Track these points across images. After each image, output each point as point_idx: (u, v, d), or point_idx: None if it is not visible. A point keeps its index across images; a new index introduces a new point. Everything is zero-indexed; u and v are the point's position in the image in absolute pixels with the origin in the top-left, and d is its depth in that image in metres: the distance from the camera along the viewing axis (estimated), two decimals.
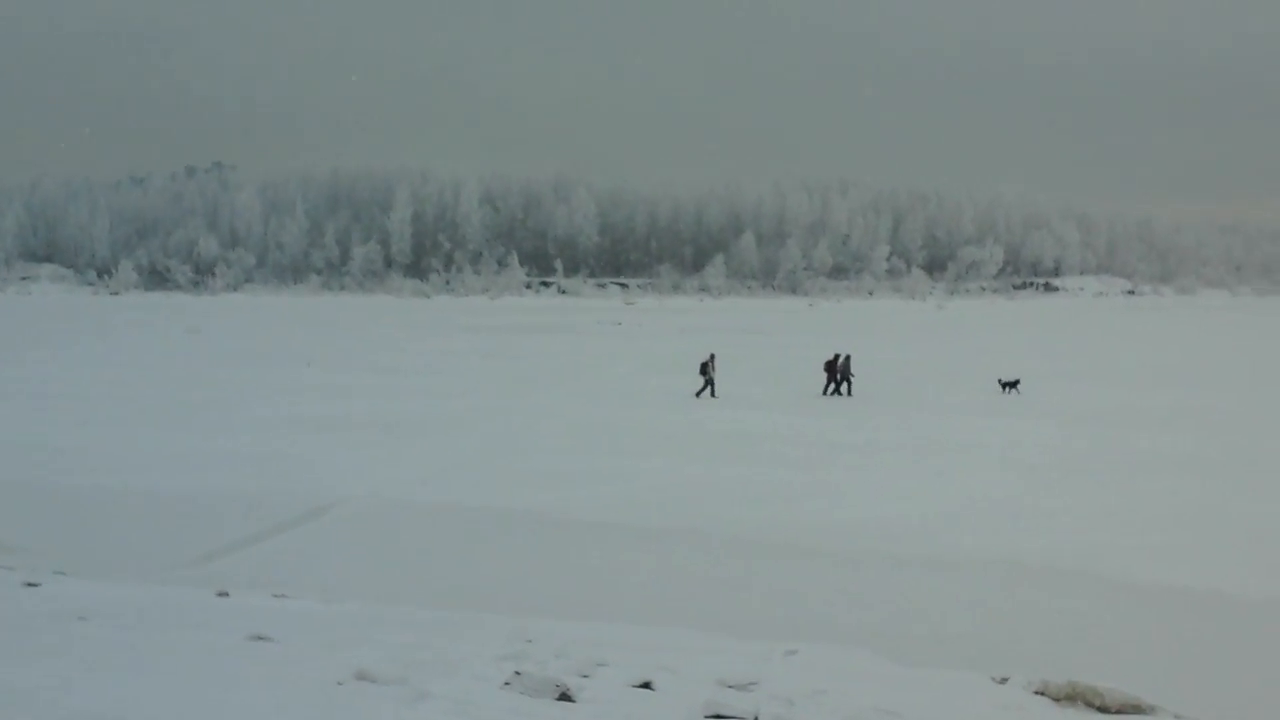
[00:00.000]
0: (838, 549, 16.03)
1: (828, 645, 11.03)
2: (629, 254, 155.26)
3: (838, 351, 36.56)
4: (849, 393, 35.26)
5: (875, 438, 26.71)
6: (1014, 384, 35.67)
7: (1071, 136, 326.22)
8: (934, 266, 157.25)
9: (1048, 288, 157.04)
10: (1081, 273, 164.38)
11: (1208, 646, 12.28)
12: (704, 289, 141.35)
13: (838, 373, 35.56)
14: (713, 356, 35.29)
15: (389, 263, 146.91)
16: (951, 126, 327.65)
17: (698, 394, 34.43)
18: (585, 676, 8.76)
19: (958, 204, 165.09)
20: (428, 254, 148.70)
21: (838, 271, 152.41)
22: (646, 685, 8.69)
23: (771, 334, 69.79)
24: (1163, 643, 12.44)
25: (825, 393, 35.42)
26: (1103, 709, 9.36)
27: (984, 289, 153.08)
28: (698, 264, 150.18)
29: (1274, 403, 34.24)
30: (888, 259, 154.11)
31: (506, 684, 8.22)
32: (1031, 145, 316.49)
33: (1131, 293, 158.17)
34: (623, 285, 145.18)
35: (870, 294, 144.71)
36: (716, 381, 34.76)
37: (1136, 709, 9.34)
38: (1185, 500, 19.62)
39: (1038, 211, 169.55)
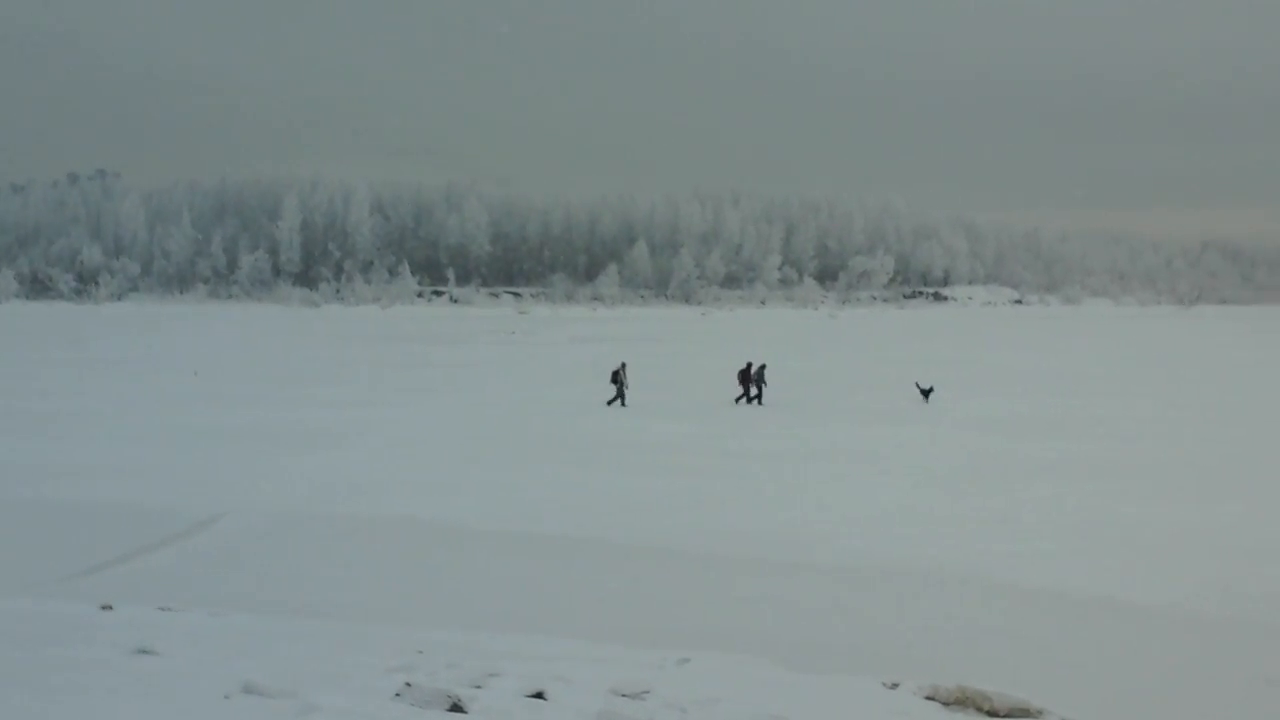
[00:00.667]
0: (734, 556, 16.10)
1: (721, 653, 11.07)
2: (522, 263, 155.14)
3: (750, 360, 36.86)
4: (760, 402, 35.48)
5: (778, 446, 26.90)
6: (929, 391, 36.28)
7: (961, 150, 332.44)
8: (826, 276, 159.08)
9: (937, 297, 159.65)
10: (970, 282, 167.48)
11: (1096, 650, 12.46)
12: (597, 298, 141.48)
13: (751, 381, 35.86)
14: (624, 365, 35.33)
15: (277, 271, 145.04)
16: (843, 139, 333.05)
17: (609, 402, 34.44)
18: (477, 687, 8.71)
19: (849, 214, 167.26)
20: (317, 263, 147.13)
21: (730, 281, 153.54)
22: (539, 695, 8.67)
23: (668, 342, 69.96)
24: (1052, 647, 12.61)
25: (738, 401, 35.62)
26: (991, 713, 9.51)
27: (875, 298, 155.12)
28: (591, 273, 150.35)
29: (1160, 409, 35.10)
30: (780, 268, 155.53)
31: (397, 695, 8.17)
32: (921, 158, 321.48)
33: (1019, 302, 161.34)
34: (516, 294, 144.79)
35: (763, 303, 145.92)
36: (628, 391, 34.75)
37: (1024, 712, 9.49)
38: (1075, 506, 20.00)
39: (927, 222, 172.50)
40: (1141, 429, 30.27)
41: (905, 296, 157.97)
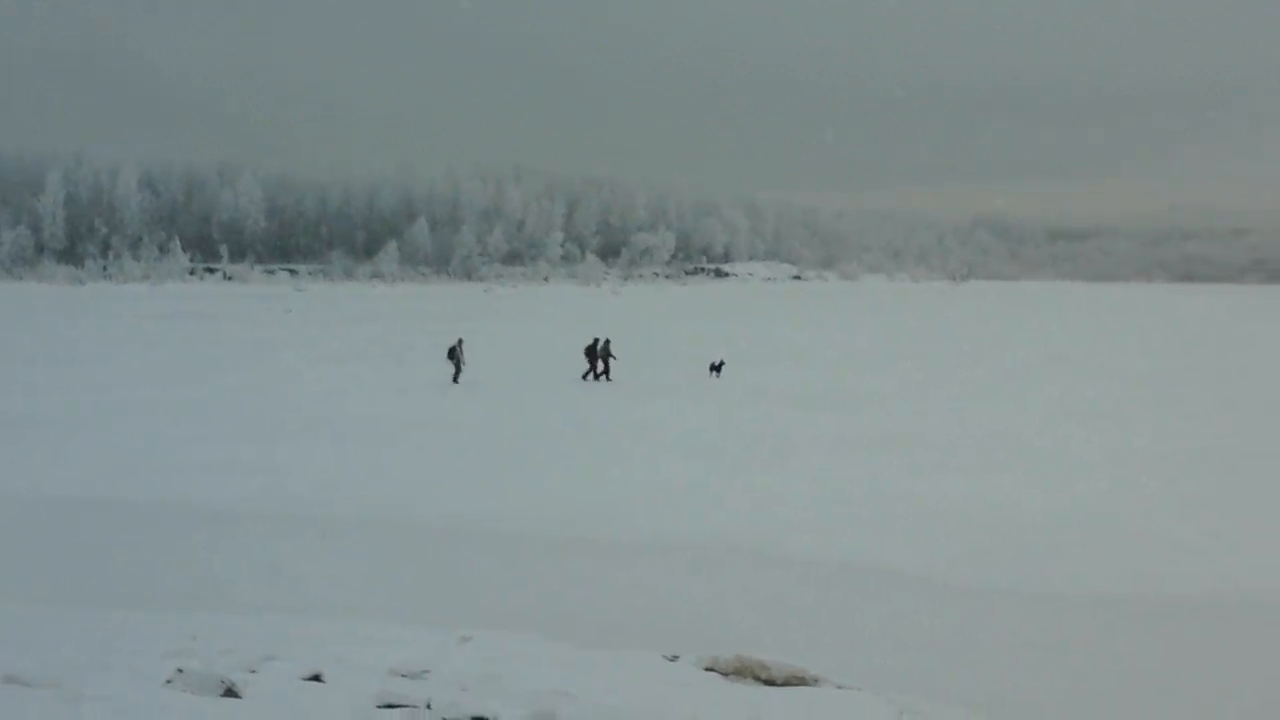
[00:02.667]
0: (512, 533, 16.48)
1: (503, 630, 11.30)
2: (299, 240, 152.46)
3: (597, 336, 37.22)
4: (609, 377, 36.18)
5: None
6: (719, 366, 37.35)
7: (742, 133, 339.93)
8: (608, 252, 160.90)
9: (719, 273, 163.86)
10: (750, 259, 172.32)
11: (865, 618, 13.11)
12: (377, 275, 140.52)
13: (599, 357, 36.53)
14: (461, 341, 35.49)
15: (40, 248, 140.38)
16: (626, 122, 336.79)
17: (455, 379, 34.70)
18: (253, 671, 8.72)
19: (631, 191, 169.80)
20: (83, 240, 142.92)
21: (512, 258, 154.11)
22: (316, 678, 8.73)
23: (454, 320, 67.64)
24: (826, 616, 13.17)
25: (585, 377, 36.24)
26: (769, 681, 9.95)
27: (657, 274, 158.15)
28: (370, 250, 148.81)
29: (934, 383, 36.90)
30: (562, 245, 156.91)
31: (168, 682, 8.08)
32: (703, 140, 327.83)
33: (797, 278, 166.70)
34: (292, 271, 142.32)
35: (546, 280, 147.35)
36: (465, 368, 34.99)
37: (801, 680, 9.94)
38: (850, 477, 20.87)
39: (708, 199, 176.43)
40: (914, 402, 31.71)
41: (687, 273, 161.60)
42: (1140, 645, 12.49)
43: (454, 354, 35.14)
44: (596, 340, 36.96)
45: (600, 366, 36.52)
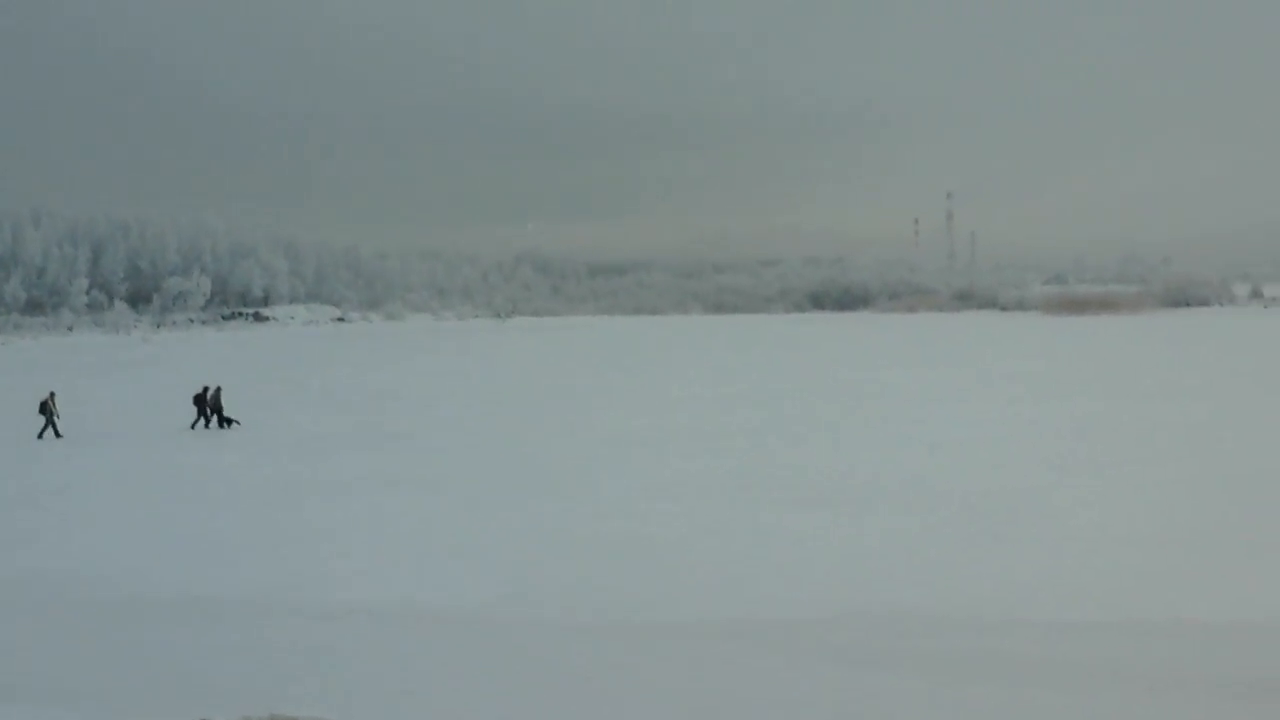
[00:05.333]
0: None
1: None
2: None
3: (206, 384, 37.86)
4: (220, 424, 36.82)
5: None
6: (221, 418, 37.74)
7: (278, 170, 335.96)
8: (139, 299, 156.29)
9: (258, 317, 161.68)
10: (291, 301, 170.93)
11: (401, 663, 13.36)
12: None
13: (208, 406, 36.86)
14: (53, 394, 35.34)
15: None
16: (151, 160, 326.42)
17: (39, 435, 34.46)
18: None
19: (161, 234, 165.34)
20: None
21: (33, 307, 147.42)
22: None
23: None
24: (361, 665, 13.41)
25: (194, 426, 36.69)
26: None
27: (192, 320, 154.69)
28: None
29: (482, 419, 39.50)
30: (88, 292, 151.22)
31: None
32: (237, 178, 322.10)
33: (341, 320, 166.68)
34: None
35: (70, 329, 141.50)
36: (59, 420, 34.98)
37: None
38: (394, 517, 22.41)
39: (245, 240, 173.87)
40: (466, 439, 33.96)
41: (224, 317, 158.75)
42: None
43: (46, 408, 35.15)
44: (206, 389, 37.58)
45: (211, 415, 37.09)
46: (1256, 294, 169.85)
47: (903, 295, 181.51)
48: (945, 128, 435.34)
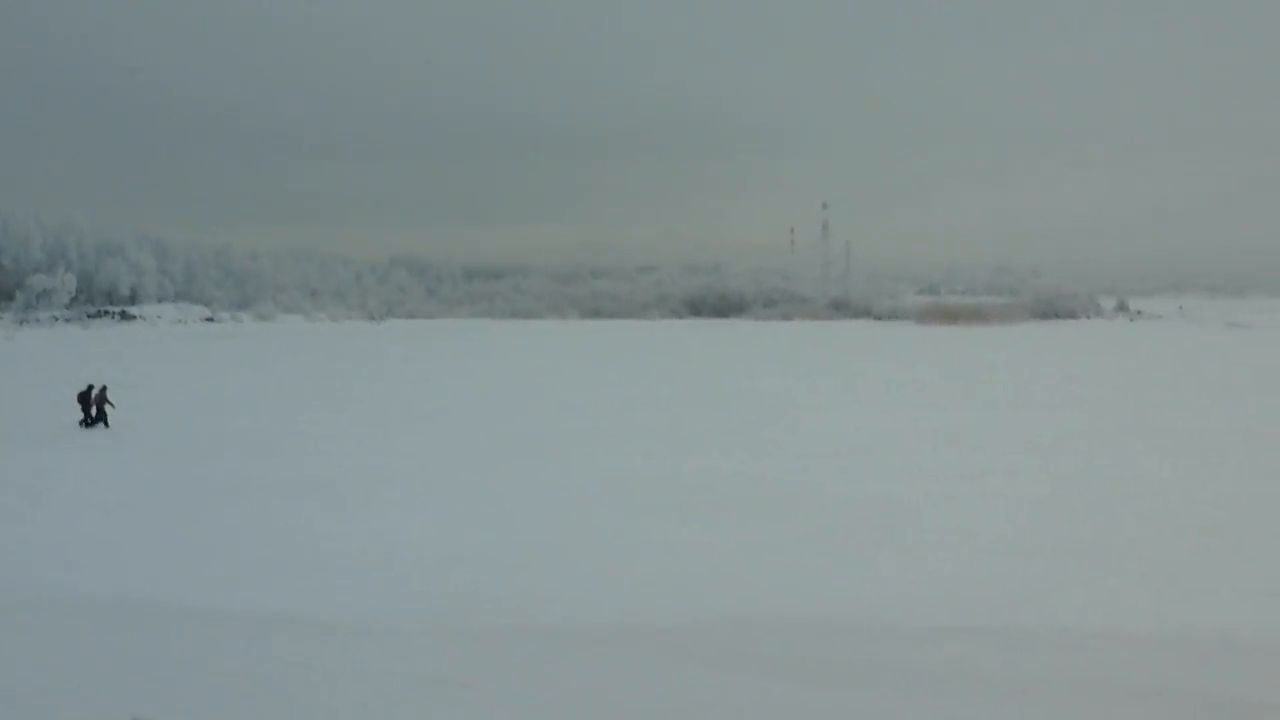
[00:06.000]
0: None
1: None
2: None
3: (91, 383, 37.62)
4: (106, 424, 36.47)
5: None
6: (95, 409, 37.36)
7: (147, 167, 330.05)
8: (1, 296, 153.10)
9: (124, 316, 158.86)
10: (160, 300, 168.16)
11: (252, 670, 13.23)
12: None
13: (93, 404, 36.50)
14: None
15: None
16: (16, 154, 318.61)
17: None
18: None
19: (25, 230, 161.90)
20: None
21: None
22: None
23: None
24: (220, 669, 13.27)
25: (83, 424, 36.39)
26: None
27: (56, 318, 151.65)
28: None
29: (352, 424, 39.57)
30: None
31: None
32: (104, 174, 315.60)
33: (210, 320, 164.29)
34: None
35: None
36: None
37: None
38: (270, 524, 22.34)
39: (112, 238, 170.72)
40: (333, 445, 33.93)
41: (90, 316, 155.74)
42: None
43: None
44: (91, 387, 37.34)
45: (95, 413, 36.78)
46: (1122, 307, 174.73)
47: (779, 303, 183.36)
48: (823, 141, 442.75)
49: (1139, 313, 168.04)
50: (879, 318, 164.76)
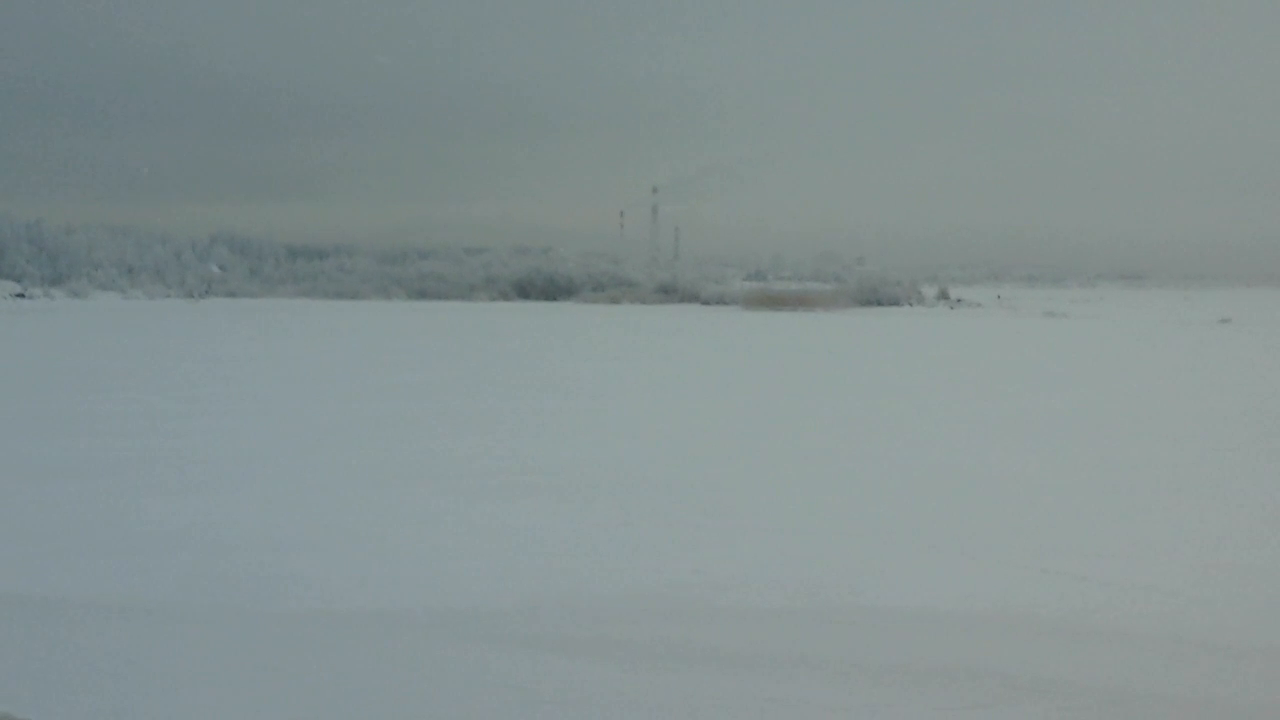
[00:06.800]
0: None
1: None
2: None
3: None
4: None
5: None
6: None
7: None
8: None
9: None
10: None
11: (79, 657, 12.77)
12: None
13: None
14: None
15: None
16: None
17: None
18: None
19: None
20: None
21: None
22: None
23: None
24: (44, 657, 12.81)
25: None
26: None
27: None
28: None
29: (180, 404, 39.18)
30: None
31: None
32: None
33: (21, 295, 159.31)
34: None
35: None
36: None
37: None
38: (87, 505, 21.57)
39: None
40: (150, 424, 32.69)
41: None
42: None
43: None
44: None
45: None
46: (943, 295, 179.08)
47: (607, 287, 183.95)
48: (653, 124, 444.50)
49: (959, 301, 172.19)
50: (707, 303, 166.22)
